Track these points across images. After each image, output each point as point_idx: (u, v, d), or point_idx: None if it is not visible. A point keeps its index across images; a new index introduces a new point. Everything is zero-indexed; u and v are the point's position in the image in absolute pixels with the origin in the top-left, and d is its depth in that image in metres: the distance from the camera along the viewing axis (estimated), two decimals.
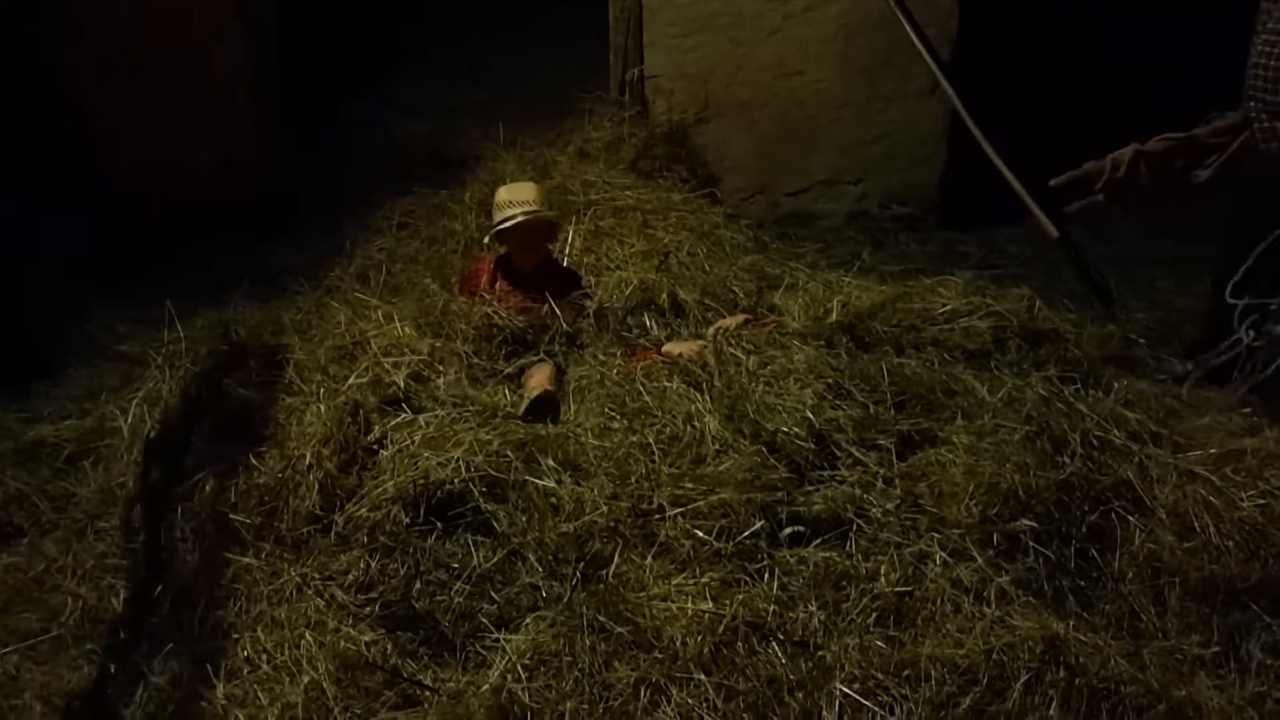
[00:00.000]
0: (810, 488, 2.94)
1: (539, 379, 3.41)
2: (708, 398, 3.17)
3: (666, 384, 3.26)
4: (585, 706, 2.47)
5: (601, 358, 3.50)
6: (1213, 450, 3.04)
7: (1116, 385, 3.34)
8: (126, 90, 4.82)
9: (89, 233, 4.60)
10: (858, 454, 3.01)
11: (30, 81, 4.66)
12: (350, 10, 6.34)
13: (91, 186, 4.75)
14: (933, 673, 2.48)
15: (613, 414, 3.21)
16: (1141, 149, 3.50)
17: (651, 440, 3.07)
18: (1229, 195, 3.54)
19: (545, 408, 3.29)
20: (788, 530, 2.84)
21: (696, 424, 3.09)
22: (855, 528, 2.85)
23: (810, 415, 3.05)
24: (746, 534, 2.80)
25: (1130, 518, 2.89)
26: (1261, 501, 2.84)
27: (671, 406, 3.17)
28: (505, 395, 3.42)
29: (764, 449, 3.01)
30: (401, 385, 3.28)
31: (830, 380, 3.17)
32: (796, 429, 3.02)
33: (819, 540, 2.83)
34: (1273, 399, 3.35)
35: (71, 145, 4.76)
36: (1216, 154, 3.43)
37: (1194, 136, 3.46)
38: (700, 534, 2.79)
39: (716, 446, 3.03)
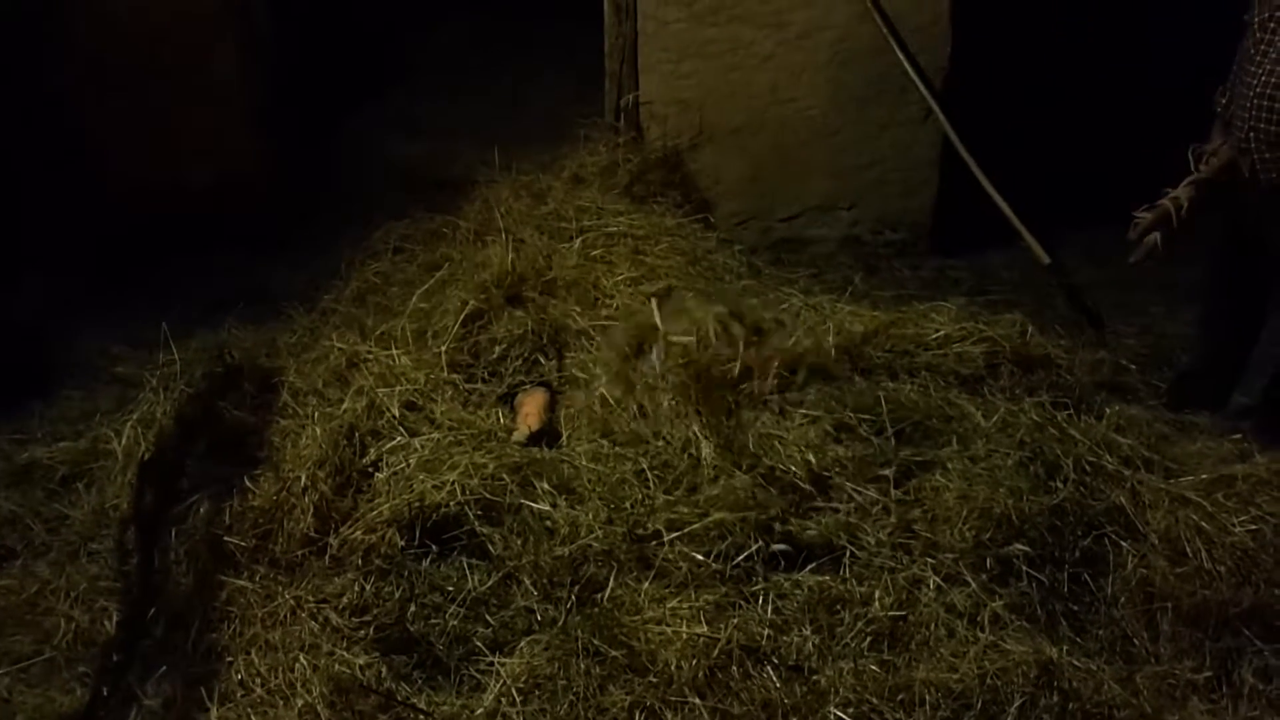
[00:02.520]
0: (806, 520, 2.95)
1: (531, 408, 3.42)
2: (704, 423, 3.19)
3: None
4: None
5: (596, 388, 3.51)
6: (1204, 476, 3.07)
7: (1108, 411, 3.37)
8: (121, 106, 4.81)
9: (83, 251, 4.59)
10: (853, 490, 3.02)
11: (23, 96, 4.66)
12: (346, 29, 6.36)
13: (86, 204, 4.75)
14: (927, 697, 2.49)
15: (605, 440, 3.23)
16: (1195, 185, 3.42)
17: (646, 466, 3.09)
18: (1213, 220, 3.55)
19: (540, 437, 3.31)
20: (779, 546, 2.85)
21: (693, 452, 3.10)
22: (849, 554, 2.86)
23: (811, 459, 3.05)
24: (744, 555, 2.81)
25: (1122, 543, 2.91)
26: (1253, 527, 2.86)
27: (667, 433, 3.19)
28: (499, 419, 3.43)
29: (760, 477, 3.02)
30: (396, 414, 3.29)
31: (838, 418, 3.20)
32: (795, 469, 3.03)
33: (813, 565, 2.84)
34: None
35: (65, 162, 4.76)
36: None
37: (1211, 177, 3.42)
38: (698, 556, 2.80)
39: (712, 474, 3.05)
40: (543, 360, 3.70)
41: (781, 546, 2.84)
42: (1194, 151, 3.46)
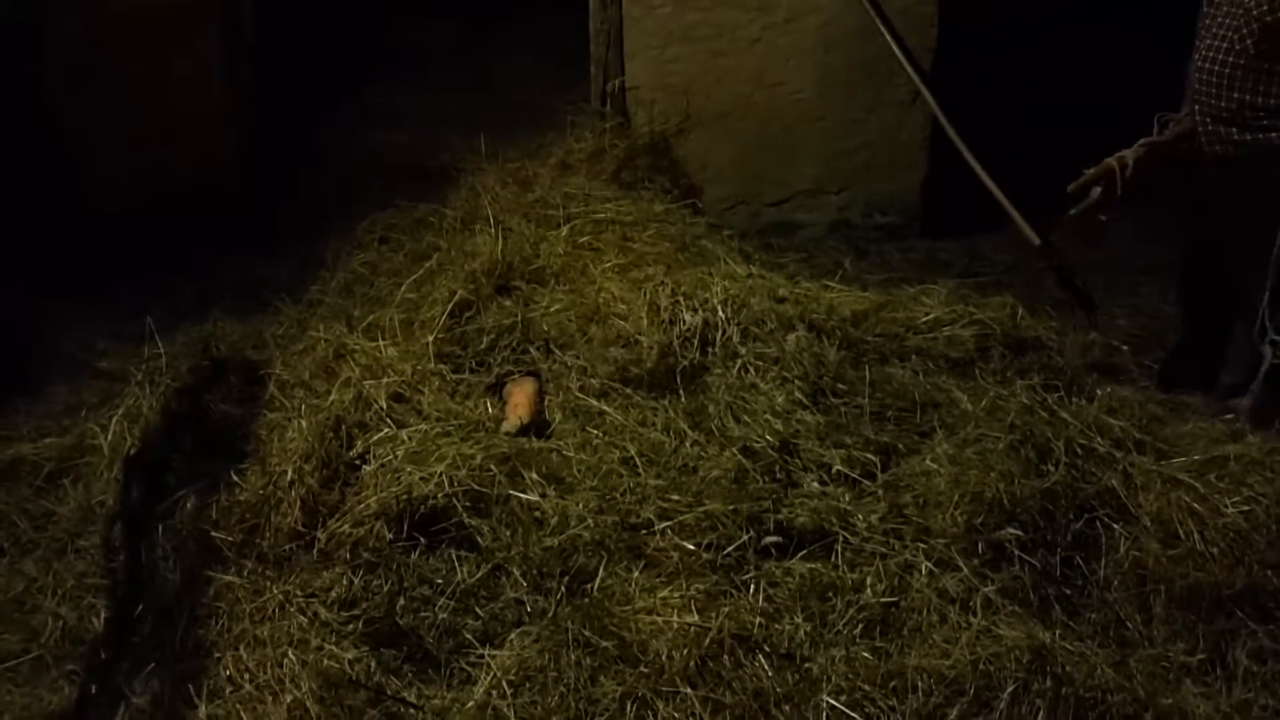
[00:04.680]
0: (794, 502, 2.94)
1: (520, 398, 3.39)
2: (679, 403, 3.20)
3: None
4: None
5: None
6: (1196, 457, 3.04)
7: (1099, 393, 3.35)
8: (101, 100, 4.78)
9: (66, 246, 4.56)
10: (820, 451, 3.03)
11: (2, 91, 4.63)
12: (329, 18, 6.33)
13: (68, 199, 4.72)
14: (919, 683, 2.47)
15: (593, 430, 3.22)
16: (1146, 148, 3.53)
17: (634, 452, 3.07)
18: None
19: (530, 428, 3.30)
20: (769, 539, 2.84)
21: (674, 430, 3.11)
22: (841, 539, 2.85)
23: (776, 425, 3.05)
24: (733, 546, 2.79)
25: (1115, 525, 2.90)
26: (1245, 508, 2.84)
27: (645, 417, 3.20)
28: (488, 409, 3.41)
29: (739, 455, 3.02)
30: (384, 406, 3.27)
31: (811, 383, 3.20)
32: (769, 436, 3.04)
33: (803, 552, 2.83)
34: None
35: (47, 158, 4.72)
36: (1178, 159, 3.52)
37: (1166, 142, 3.53)
38: (689, 545, 2.78)
39: (695, 450, 3.05)
40: (532, 350, 3.68)
41: (773, 539, 2.83)
42: (1159, 119, 3.55)
